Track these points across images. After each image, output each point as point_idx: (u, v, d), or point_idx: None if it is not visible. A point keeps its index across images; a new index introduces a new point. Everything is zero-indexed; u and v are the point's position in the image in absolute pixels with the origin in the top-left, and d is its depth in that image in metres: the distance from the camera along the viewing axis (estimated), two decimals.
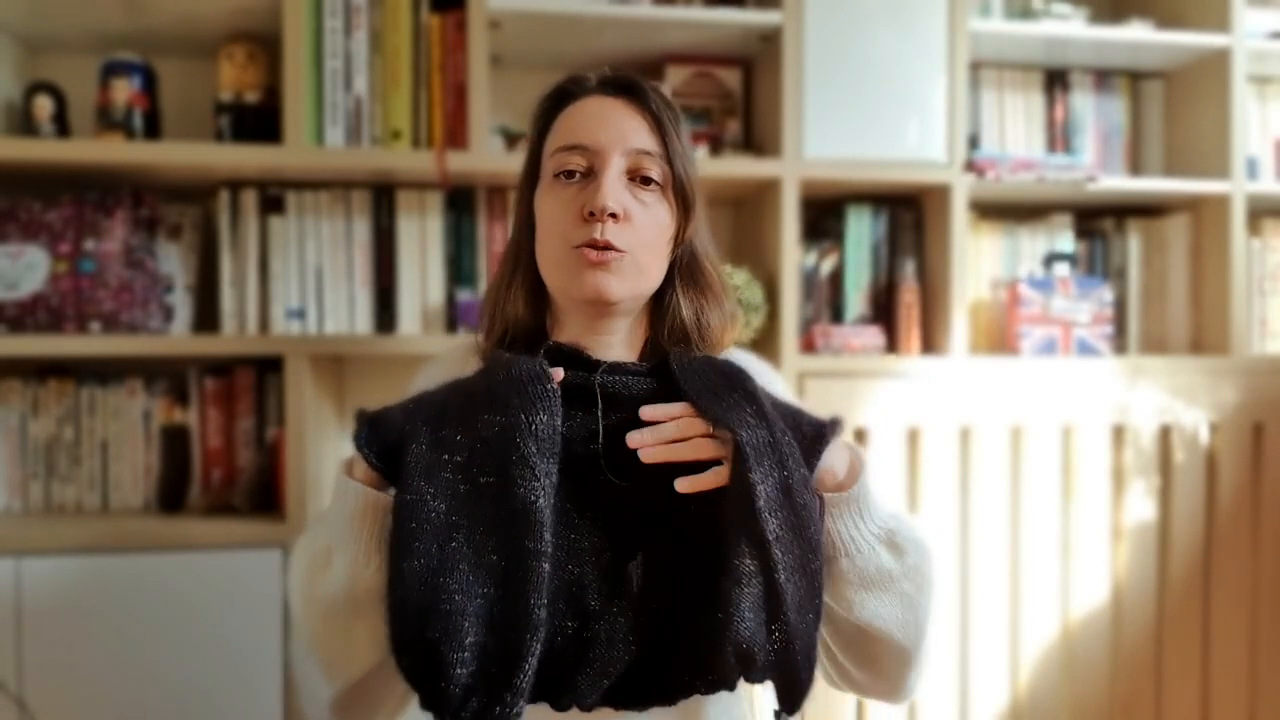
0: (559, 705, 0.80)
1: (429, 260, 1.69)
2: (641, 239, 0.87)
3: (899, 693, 0.89)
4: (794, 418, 0.84)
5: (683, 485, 0.79)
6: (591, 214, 0.85)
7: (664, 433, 0.81)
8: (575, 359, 0.86)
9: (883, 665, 0.86)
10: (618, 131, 0.87)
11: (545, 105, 0.93)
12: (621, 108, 0.89)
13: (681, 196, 0.90)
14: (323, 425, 1.65)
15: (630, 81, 0.91)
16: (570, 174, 0.88)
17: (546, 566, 0.75)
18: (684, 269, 0.93)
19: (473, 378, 0.84)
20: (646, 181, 0.88)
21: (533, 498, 0.76)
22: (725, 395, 0.82)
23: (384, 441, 0.80)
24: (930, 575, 0.85)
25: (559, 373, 0.82)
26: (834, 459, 0.84)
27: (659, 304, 0.94)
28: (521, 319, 0.92)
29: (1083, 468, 1.73)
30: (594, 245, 0.85)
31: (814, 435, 0.83)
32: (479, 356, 0.95)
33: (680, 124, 0.91)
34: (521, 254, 0.94)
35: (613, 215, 0.85)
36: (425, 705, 0.75)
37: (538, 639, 0.74)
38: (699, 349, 0.93)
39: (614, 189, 0.85)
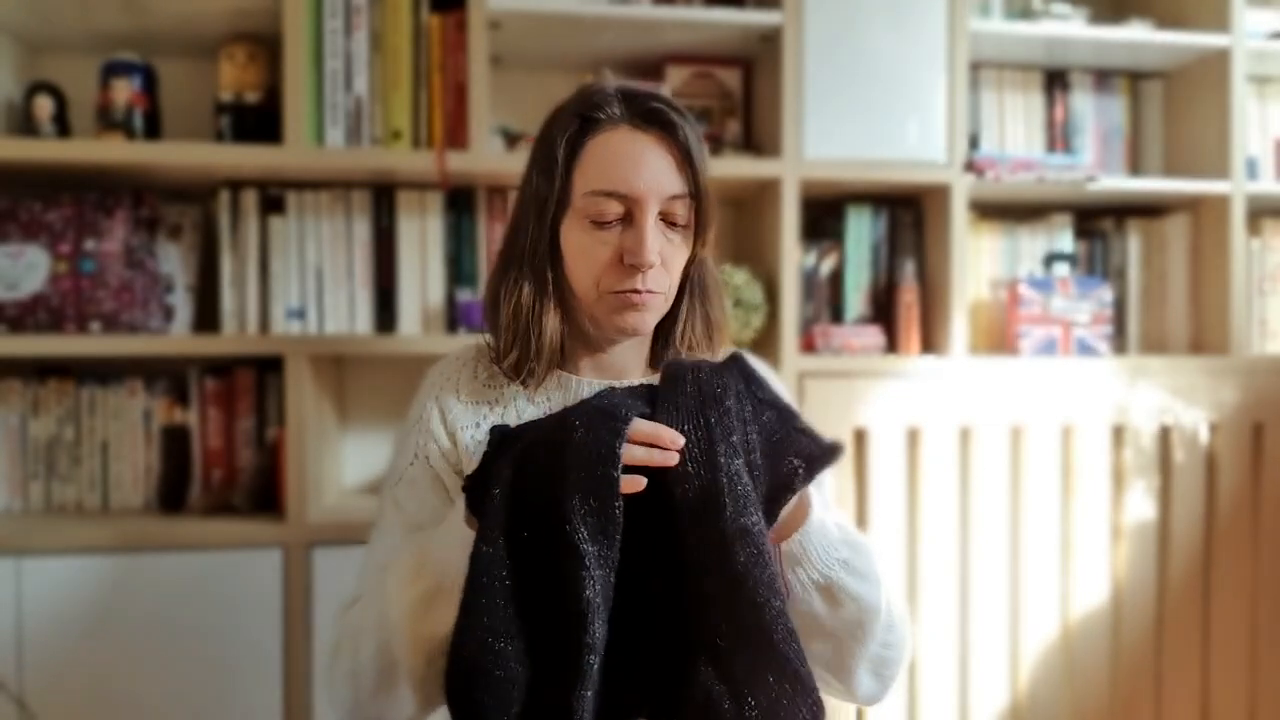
0: None
1: (429, 260, 1.69)
2: (672, 277, 0.91)
3: (852, 701, 0.92)
4: (778, 446, 0.81)
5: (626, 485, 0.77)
6: (633, 265, 0.86)
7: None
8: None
9: (824, 679, 0.88)
10: (654, 178, 0.87)
11: (572, 131, 0.89)
12: (654, 146, 0.88)
13: (704, 224, 0.91)
14: (323, 425, 1.65)
15: (660, 114, 0.88)
16: (607, 219, 0.88)
17: (595, 660, 0.75)
18: (696, 281, 0.96)
19: (559, 429, 0.80)
20: (673, 223, 0.90)
21: (582, 589, 0.74)
22: (702, 423, 0.79)
23: (477, 478, 0.80)
24: (870, 624, 0.84)
25: (639, 482, 0.77)
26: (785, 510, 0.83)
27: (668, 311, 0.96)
28: (557, 339, 0.93)
29: (1083, 468, 1.73)
30: (635, 292, 0.87)
31: (786, 477, 0.80)
32: (499, 367, 0.95)
33: (704, 148, 0.91)
34: (540, 267, 0.92)
35: (650, 265, 0.87)
36: None
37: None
38: (704, 349, 0.97)
39: (653, 241, 0.87)
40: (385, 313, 1.68)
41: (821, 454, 0.81)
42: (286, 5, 1.55)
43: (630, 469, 0.76)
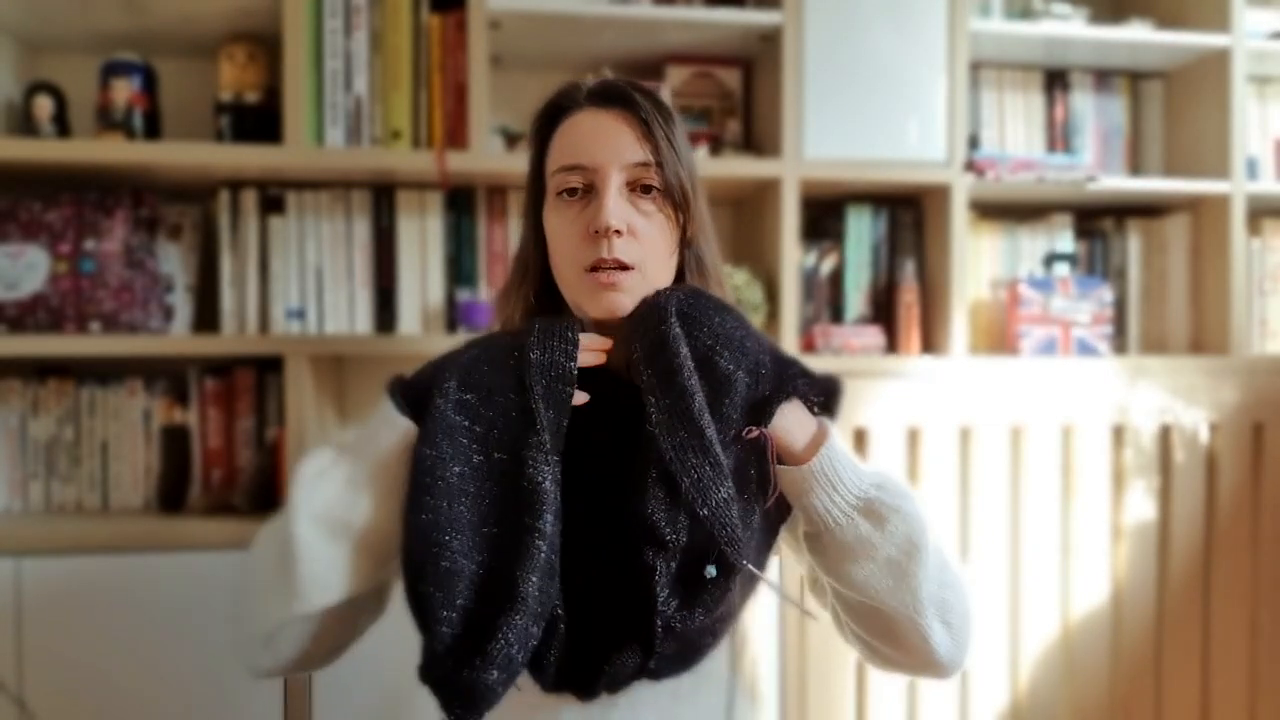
0: (585, 694, 0.84)
1: (429, 260, 1.69)
2: (647, 250, 0.89)
3: (929, 664, 0.87)
4: (761, 365, 0.87)
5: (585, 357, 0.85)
6: (597, 232, 0.86)
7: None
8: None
9: (898, 636, 0.85)
10: (612, 147, 0.89)
11: (540, 121, 0.94)
12: (613, 120, 0.90)
13: (675, 202, 0.91)
14: (323, 425, 1.65)
15: (619, 90, 0.91)
16: (572, 191, 0.89)
17: (543, 546, 0.78)
18: (693, 269, 0.95)
19: (504, 344, 0.86)
20: (647, 190, 0.89)
21: (540, 479, 0.80)
22: (635, 330, 0.86)
23: (415, 391, 0.85)
24: (917, 539, 0.84)
25: (581, 397, 0.84)
26: (790, 423, 0.86)
27: None
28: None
29: (1083, 468, 1.73)
30: (603, 265, 0.87)
31: (764, 398, 0.85)
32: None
33: (673, 125, 0.92)
34: (529, 265, 0.96)
35: (617, 232, 0.86)
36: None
37: (519, 613, 0.77)
38: None
39: (615, 206, 0.87)
40: (385, 313, 1.68)
41: (831, 382, 0.89)
42: (286, 5, 1.55)
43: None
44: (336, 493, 0.83)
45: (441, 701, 0.78)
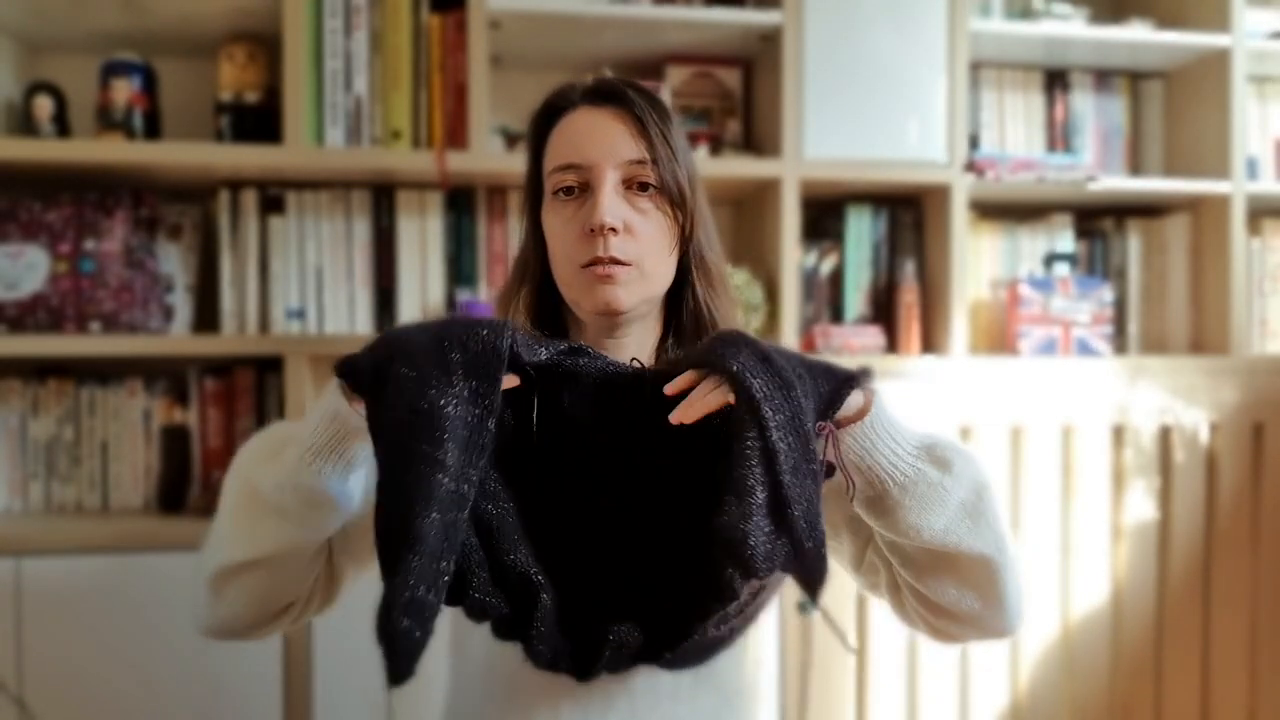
0: (582, 675, 0.83)
1: (429, 260, 1.69)
2: (645, 247, 0.89)
3: (1002, 613, 0.85)
4: (811, 368, 0.82)
5: (681, 414, 0.77)
6: (592, 230, 0.86)
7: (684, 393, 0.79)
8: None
9: (974, 584, 0.83)
10: (607, 144, 0.88)
11: (537, 122, 0.94)
12: (608, 118, 0.90)
13: (672, 199, 0.90)
14: None
15: (614, 89, 0.91)
16: (569, 190, 0.89)
17: (443, 479, 0.72)
18: (695, 266, 0.94)
19: (436, 332, 0.80)
20: (644, 188, 0.89)
21: (442, 403, 0.73)
22: (726, 348, 0.79)
23: (358, 368, 0.78)
24: (983, 479, 0.83)
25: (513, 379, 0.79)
26: (850, 402, 0.83)
27: (670, 303, 0.95)
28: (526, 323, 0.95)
29: (1083, 468, 1.73)
30: (599, 262, 0.86)
31: (832, 390, 0.80)
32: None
33: (669, 123, 0.92)
34: (529, 268, 0.95)
35: (612, 229, 0.86)
36: None
37: (415, 554, 0.71)
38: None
39: (610, 204, 0.87)
40: (385, 313, 1.68)
41: (862, 370, 0.83)
42: (286, 5, 1.55)
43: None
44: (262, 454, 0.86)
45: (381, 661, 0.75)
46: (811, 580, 0.76)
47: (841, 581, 1.66)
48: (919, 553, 0.84)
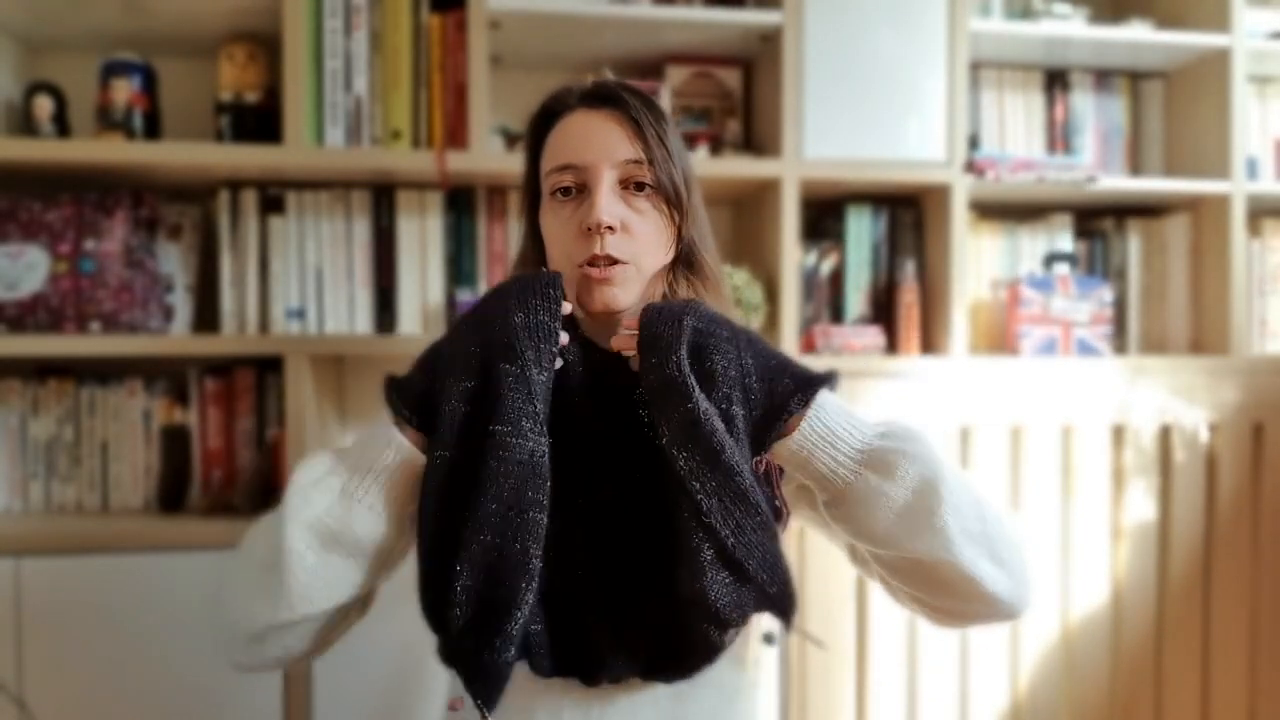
0: (589, 679, 0.84)
1: (429, 260, 1.69)
2: (641, 246, 0.90)
3: (992, 602, 0.83)
4: (774, 369, 0.85)
5: (616, 342, 0.84)
6: (590, 229, 0.87)
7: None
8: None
9: (946, 584, 0.82)
10: (604, 145, 0.90)
11: (534, 125, 0.96)
12: (605, 120, 0.91)
13: (669, 198, 0.91)
14: (323, 425, 1.65)
15: (610, 91, 0.93)
16: (566, 191, 0.90)
17: (544, 518, 0.79)
18: (681, 261, 0.95)
19: (488, 313, 0.85)
20: (640, 188, 0.90)
21: (539, 450, 0.79)
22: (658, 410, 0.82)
23: (414, 394, 0.84)
24: (935, 480, 0.81)
25: (563, 337, 0.84)
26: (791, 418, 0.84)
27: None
28: None
29: (1083, 468, 1.73)
30: (597, 260, 0.88)
31: (768, 414, 0.83)
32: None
33: (665, 124, 0.93)
34: (527, 268, 0.97)
35: (609, 228, 0.87)
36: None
37: (532, 590, 0.78)
38: None
39: (607, 203, 0.88)
40: (385, 313, 1.68)
41: (817, 377, 0.85)
42: (286, 5, 1.55)
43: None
44: (329, 504, 0.83)
45: (465, 683, 0.80)
46: (784, 616, 0.79)
47: (841, 582, 1.66)
48: (887, 556, 0.85)
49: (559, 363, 0.83)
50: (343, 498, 0.83)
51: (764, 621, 0.91)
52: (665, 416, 0.79)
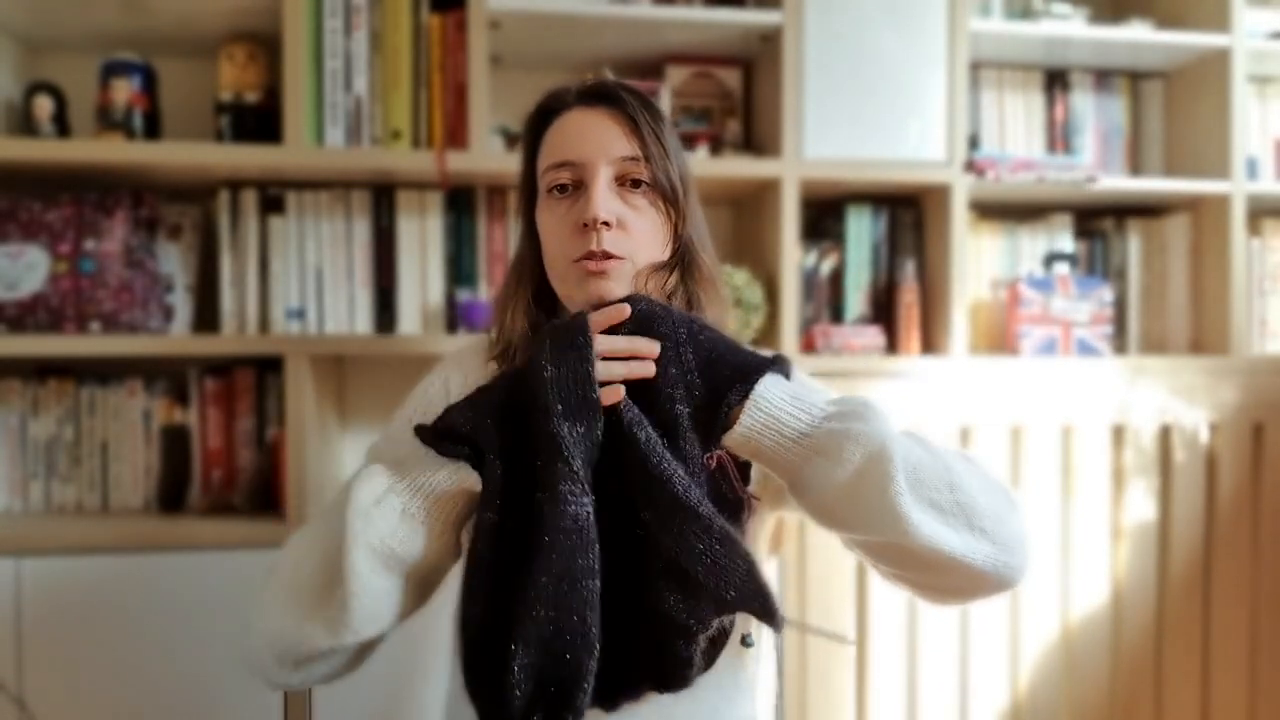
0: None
1: (429, 260, 1.69)
2: (638, 242, 0.90)
3: (979, 577, 0.78)
4: (715, 362, 0.82)
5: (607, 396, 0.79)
6: (586, 225, 0.87)
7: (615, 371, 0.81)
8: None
9: (922, 564, 0.78)
10: (599, 142, 0.90)
11: (531, 124, 0.97)
12: (601, 117, 0.92)
13: (665, 195, 0.91)
14: (323, 425, 1.65)
15: (607, 89, 0.93)
16: (563, 188, 0.91)
17: (597, 584, 0.76)
18: (679, 261, 0.95)
19: (528, 369, 0.82)
20: (637, 184, 0.91)
21: (584, 513, 0.76)
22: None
23: (458, 437, 0.81)
24: (885, 456, 0.76)
25: (618, 392, 0.80)
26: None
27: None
28: (522, 334, 0.95)
29: (1083, 468, 1.73)
30: (592, 256, 0.87)
31: (711, 414, 0.80)
32: (495, 360, 0.97)
33: (661, 122, 0.93)
34: (525, 268, 0.97)
35: (605, 224, 0.87)
36: None
37: (594, 657, 0.75)
38: None
39: (603, 199, 0.88)
40: (385, 313, 1.68)
41: (758, 364, 0.81)
42: (286, 5, 1.55)
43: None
44: (392, 526, 0.80)
45: None
46: (760, 618, 0.78)
47: (842, 581, 1.66)
48: (852, 541, 0.83)
49: (611, 396, 0.79)
50: (404, 519, 0.80)
51: (749, 623, 0.90)
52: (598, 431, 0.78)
